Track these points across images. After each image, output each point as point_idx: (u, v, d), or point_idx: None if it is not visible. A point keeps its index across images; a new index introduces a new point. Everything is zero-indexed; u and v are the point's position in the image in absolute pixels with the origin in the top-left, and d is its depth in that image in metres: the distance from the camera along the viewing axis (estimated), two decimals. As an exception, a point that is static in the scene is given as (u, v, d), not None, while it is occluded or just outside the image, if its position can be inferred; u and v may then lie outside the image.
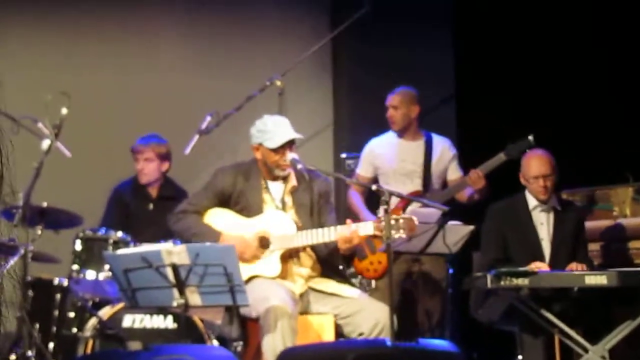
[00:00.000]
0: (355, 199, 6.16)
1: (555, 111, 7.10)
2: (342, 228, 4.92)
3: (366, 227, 4.88)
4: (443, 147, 6.28)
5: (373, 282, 6.12)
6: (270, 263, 5.01)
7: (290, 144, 5.08)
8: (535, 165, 5.59)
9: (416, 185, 6.13)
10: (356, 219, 5.58)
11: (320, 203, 5.20)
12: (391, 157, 6.22)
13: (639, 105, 6.96)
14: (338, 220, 5.29)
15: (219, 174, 5.20)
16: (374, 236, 5.00)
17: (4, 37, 7.36)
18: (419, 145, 6.25)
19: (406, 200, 5.70)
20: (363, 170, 6.26)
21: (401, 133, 6.26)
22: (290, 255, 5.08)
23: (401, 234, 4.78)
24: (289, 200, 5.17)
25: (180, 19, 7.66)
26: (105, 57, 7.40)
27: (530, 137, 5.78)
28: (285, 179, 5.18)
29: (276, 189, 5.18)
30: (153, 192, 6.25)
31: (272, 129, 5.07)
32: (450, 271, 6.16)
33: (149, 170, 6.18)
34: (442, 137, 6.35)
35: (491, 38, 7.34)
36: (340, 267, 5.83)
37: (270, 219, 5.07)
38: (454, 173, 6.27)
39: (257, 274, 4.98)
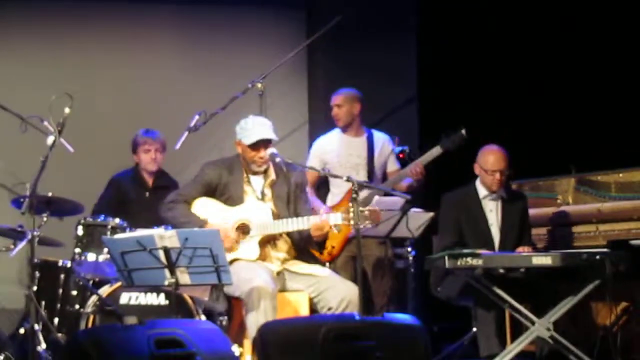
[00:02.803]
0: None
1: (509, 110, 7.29)
2: (315, 217, 5.15)
3: (336, 217, 5.11)
4: (383, 142, 6.56)
5: (327, 265, 6.21)
6: (250, 247, 5.22)
7: (265, 143, 5.26)
8: (494, 160, 5.78)
9: (362, 176, 6.32)
10: None
11: (296, 193, 5.41)
12: (339, 151, 6.47)
13: (580, 104, 7.18)
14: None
15: (206, 168, 5.41)
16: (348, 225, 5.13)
17: (15, 44, 7.54)
18: (362, 141, 6.51)
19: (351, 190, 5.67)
20: (312, 164, 6.34)
21: (345, 129, 6.51)
22: (268, 241, 5.29)
23: (367, 224, 4.97)
24: (268, 192, 5.37)
25: (173, 31, 7.87)
26: (104, 64, 7.60)
27: (463, 131, 6.02)
28: (265, 172, 5.37)
29: (257, 182, 5.38)
30: (149, 181, 6.53)
31: (251, 128, 5.27)
32: (413, 253, 6.43)
33: (159, 159, 6.48)
34: (382, 133, 6.62)
35: (451, 46, 7.56)
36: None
37: (250, 208, 5.29)
38: (392, 165, 6.56)
39: (239, 257, 5.20)
